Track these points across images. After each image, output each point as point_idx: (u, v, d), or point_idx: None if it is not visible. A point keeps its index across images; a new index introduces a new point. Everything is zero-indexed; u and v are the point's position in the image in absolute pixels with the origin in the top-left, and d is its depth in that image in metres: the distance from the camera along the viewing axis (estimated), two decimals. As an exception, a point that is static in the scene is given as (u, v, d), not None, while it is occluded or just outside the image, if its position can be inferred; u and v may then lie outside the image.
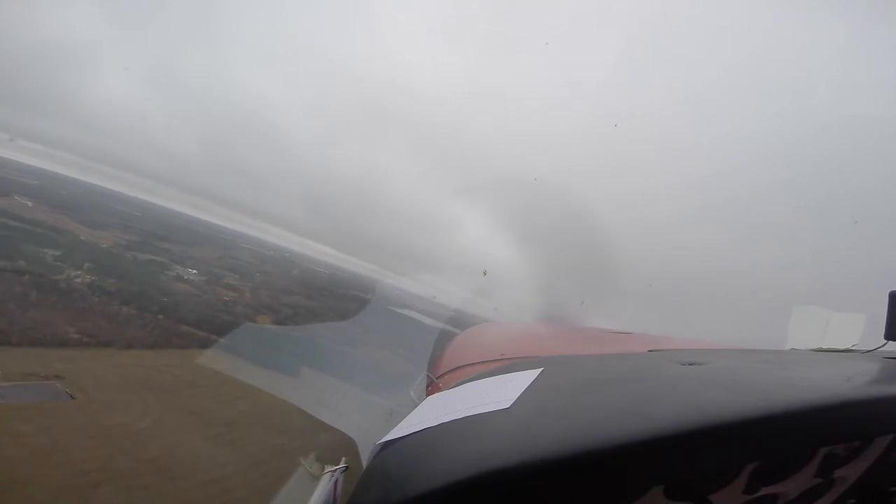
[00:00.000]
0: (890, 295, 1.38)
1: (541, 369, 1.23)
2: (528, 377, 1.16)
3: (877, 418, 0.93)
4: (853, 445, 1.01)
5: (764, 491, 0.96)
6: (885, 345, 1.47)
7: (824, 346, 1.94)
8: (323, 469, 1.54)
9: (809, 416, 0.85)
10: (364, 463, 1.36)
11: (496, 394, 1.07)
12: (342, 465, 1.53)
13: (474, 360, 1.89)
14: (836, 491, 1.08)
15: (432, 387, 1.89)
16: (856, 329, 1.94)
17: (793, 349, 2.01)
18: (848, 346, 1.80)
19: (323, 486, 1.45)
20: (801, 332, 2.20)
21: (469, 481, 0.72)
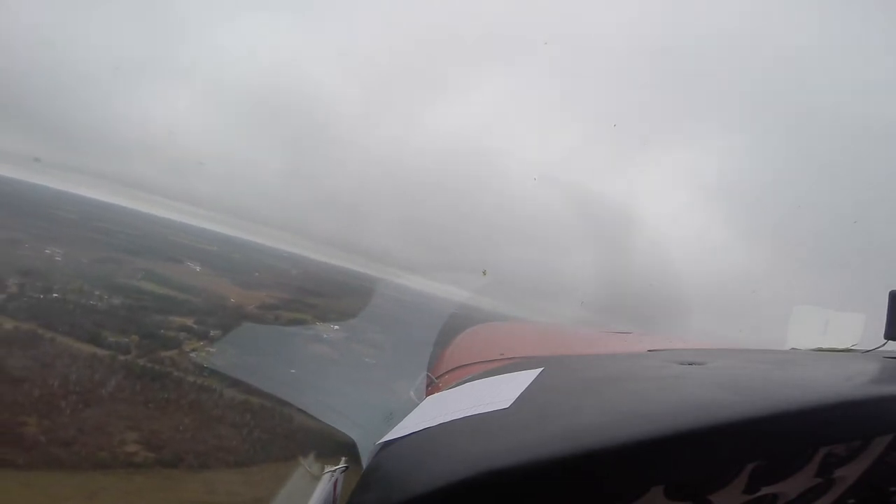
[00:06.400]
0: (890, 295, 1.38)
1: (541, 369, 1.23)
2: (528, 377, 1.16)
3: (877, 418, 0.93)
4: (853, 445, 1.01)
5: (764, 491, 0.96)
6: (885, 345, 1.46)
7: (824, 346, 1.93)
8: (323, 469, 1.54)
9: (809, 416, 0.85)
10: (364, 463, 1.36)
11: (496, 394, 1.07)
12: (342, 465, 1.53)
13: (474, 360, 1.89)
14: (836, 491, 1.08)
15: (432, 387, 1.89)
16: (856, 329, 1.93)
17: (793, 349, 2.00)
18: (848, 346, 1.80)
19: (323, 486, 1.45)
20: (801, 332, 2.19)
21: (469, 481, 0.72)
